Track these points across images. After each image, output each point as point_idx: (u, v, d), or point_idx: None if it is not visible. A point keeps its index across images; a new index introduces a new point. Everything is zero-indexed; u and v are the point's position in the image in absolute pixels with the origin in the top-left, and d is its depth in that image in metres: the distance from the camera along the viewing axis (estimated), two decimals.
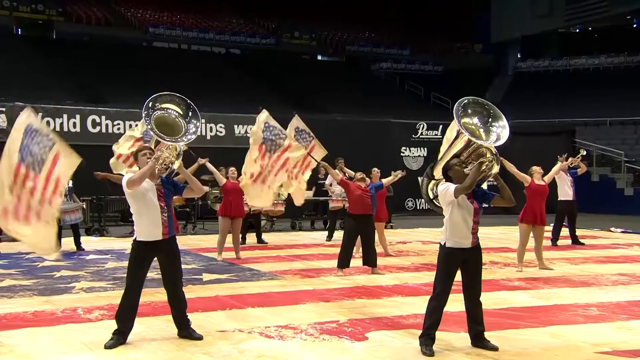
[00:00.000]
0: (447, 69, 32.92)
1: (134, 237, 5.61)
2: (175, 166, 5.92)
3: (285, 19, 31.60)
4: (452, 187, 5.37)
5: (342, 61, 32.60)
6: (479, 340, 5.41)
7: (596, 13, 29.40)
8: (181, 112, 5.81)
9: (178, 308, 5.71)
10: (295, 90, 25.64)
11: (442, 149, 6.49)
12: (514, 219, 10.60)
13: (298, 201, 11.44)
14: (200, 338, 5.60)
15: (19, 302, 7.34)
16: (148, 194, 5.47)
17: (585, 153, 13.15)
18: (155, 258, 5.66)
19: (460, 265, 5.44)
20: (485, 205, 5.54)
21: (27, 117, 7.46)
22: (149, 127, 5.75)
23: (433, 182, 6.25)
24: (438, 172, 5.93)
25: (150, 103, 5.73)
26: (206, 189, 6.42)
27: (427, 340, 5.34)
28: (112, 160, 10.85)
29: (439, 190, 5.60)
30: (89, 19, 27.54)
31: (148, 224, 5.46)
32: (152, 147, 5.96)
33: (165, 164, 5.60)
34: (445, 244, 5.46)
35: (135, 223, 5.58)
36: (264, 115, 10.64)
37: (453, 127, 10.40)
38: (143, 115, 5.70)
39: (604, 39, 32.47)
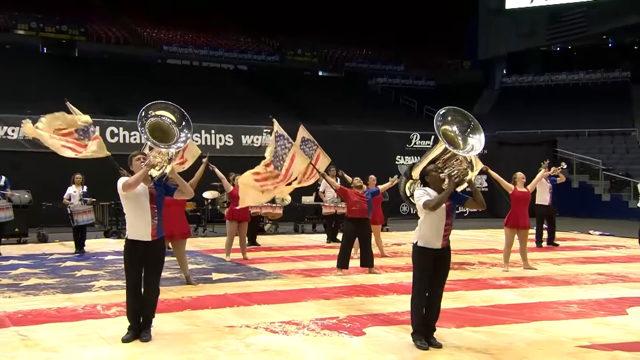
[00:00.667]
0: (438, 83, 32.98)
1: (126, 236, 5.60)
2: (167, 170, 5.88)
3: (289, 37, 31.66)
4: (423, 198, 5.36)
5: (342, 76, 32.65)
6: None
7: (575, 33, 29.50)
8: (174, 120, 5.77)
9: (148, 297, 5.58)
10: (298, 104, 25.67)
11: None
12: (500, 223, 10.62)
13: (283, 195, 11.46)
14: (147, 340, 5.41)
15: (43, 300, 7.36)
16: (140, 197, 5.48)
17: (565, 166, 13.11)
18: None
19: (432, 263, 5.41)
20: (459, 207, 5.54)
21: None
22: (143, 134, 5.69)
23: (410, 181, 6.24)
24: (416, 174, 5.93)
25: (144, 112, 5.69)
26: (210, 194, 6.43)
27: (419, 335, 5.34)
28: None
29: (415, 194, 5.58)
30: (108, 38, 27.63)
31: (139, 224, 5.47)
32: (145, 152, 5.88)
33: (158, 169, 5.57)
34: (417, 242, 5.48)
35: (128, 223, 5.57)
36: (275, 126, 10.64)
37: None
38: (138, 123, 5.64)
39: (582, 56, 32.59)
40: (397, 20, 35.26)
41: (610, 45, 32.80)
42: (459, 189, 5.46)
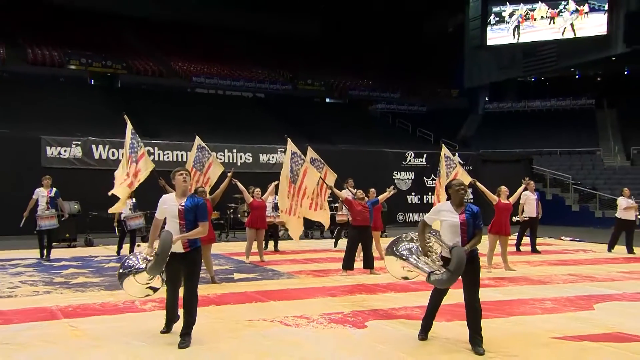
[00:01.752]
0: (429, 109, 33.01)
1: None
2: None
3: (300, 70, 31.80)
4: (427, 215, 5.33)
5: (346, 103, 32.73)
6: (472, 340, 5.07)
7: (547, 66, 29.53)
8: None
9: (187, 308, 5.25)
10: (308, 126, 25.72)
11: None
12: (485, 230, 10.57)
13: (326, 223, 11.49)
14: (184, 347, 5.03)
15: (89, 295, 7.41)
16: (170, 215, 5.27)
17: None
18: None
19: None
20: None
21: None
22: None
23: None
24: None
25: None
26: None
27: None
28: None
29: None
30: (145, 71, 27.83)
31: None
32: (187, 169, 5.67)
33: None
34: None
35: None
36: (289, 145, 10.73)
37: (442, 160, 10.53)
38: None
39: (553, 86, 32.59)
40: (394, 55, 35.43)
41: (577, 76, 32.77)
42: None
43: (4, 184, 14.39)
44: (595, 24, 27.01)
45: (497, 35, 29.19)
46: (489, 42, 30.24)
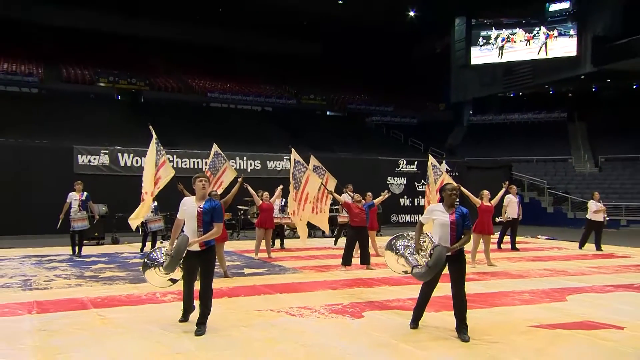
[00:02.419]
0: (420, 121, 32.96)
1: None
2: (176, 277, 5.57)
3: (303, 86, 31.84)
4: (423, 216, 5.35)
5: (345, 115, 32.69)
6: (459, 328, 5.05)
7: (524, 82, 29.55)
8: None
9: (202, 300, 5.22)
10: (311, 137, 25.73)
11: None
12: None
13: (325, 228, 11.47)
14: (200, 335, 5.02)
15: (116, 288, 7.43)
16: (188, 216, 5.27)
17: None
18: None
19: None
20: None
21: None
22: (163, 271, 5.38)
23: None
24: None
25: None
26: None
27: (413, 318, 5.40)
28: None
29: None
30: (166, 88, 27.89)
31: (191, 237, 5.19)
32: (208, 177, 5.68)
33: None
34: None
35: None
36: (293, 154, 10.74)
37: (430, 169, 10.50)
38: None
39: (530, 101, 32.58)
40: (388, 73, 35.42)
41: (551, 92, 32.75)
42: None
43: (41, 189, 14.43)
44: (566, 47, 27.13)
45: (484, 54, 29.26)
46: (473, 62, 30.32)
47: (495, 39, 28.76)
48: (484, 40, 28.85)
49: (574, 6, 26.59)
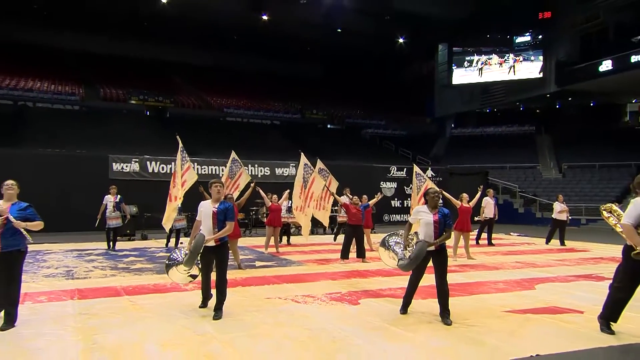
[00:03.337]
0: (408, 133, 32.92)
1: None
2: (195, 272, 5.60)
3: (307, 103, 31.87)
4: (411, 217, 5.27)
5: (343, 128, 32.63)
6: (442, 313, 5.04)
7: (498, 100, 29.55)
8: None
9: (219, 288, 5.18)
10: (314, 147, 25.61)
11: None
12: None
13: (325, 222, 11.46)
14: (217, 319, 5.01)
15: (145, 278, 7.43)
16: (203, 215, 5.28)
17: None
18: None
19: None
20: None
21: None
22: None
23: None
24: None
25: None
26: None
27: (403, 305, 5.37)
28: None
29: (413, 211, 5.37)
30: (188, 104, 27.94)
31: (205, 235, 5.18)
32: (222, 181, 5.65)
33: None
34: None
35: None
36: (303, 158, 10.79)
37: (414, 176, 10.46)
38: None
39: (503, 116, 32.57)
40: (380, 91, 35.49)
41: (521, 109, 32.73)
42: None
43: (81, 192, 14.44)
44: (529, 69, 27.30)
45: (467, 74, 29.29)
46: (454, 82, 30.26)
47: (477, 62, 28.95)
48: (468, 63, 29.05)
49: (534, 39, 27.07)
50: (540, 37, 26.93)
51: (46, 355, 3.99)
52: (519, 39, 27.64)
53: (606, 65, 23.11)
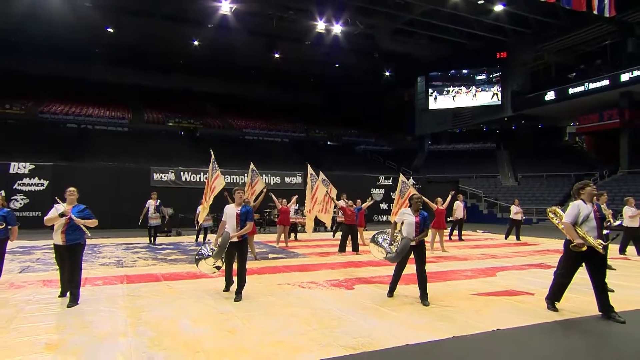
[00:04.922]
0: (394, 148, 32.90)
1: None
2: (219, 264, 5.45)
3: (311, 124, 31.96)
4: (397, 217, 5.22)
5: (340, 145, 32.66)
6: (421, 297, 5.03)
7: (466, 122, 29.62)
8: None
9: (239, 276, 5.22)
10: (316, 160, 25.61)
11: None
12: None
13: (328, 223, 11.42)
14: (238, 301, 4.99)
15: (179, 267, 7.43)
16: (228, 216, 5.28)
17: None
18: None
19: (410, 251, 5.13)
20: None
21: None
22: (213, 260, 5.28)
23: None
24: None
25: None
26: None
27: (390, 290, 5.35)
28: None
29: (399, 212, 5.31)
30: (214, 126, 28.04)
31: (230, 232, 5.20)
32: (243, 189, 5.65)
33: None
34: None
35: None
36: (309, 169, 10.80)
37: (400, 184, 10.45)
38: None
39: (471, 135, 32.55)
40: (370, 115, 35.55)
41: (485, 129, 32.78)
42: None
43: (128, 198, 14.49)
44: (487, 97, 27.55)
45: (443, 99, 29.43)
46: (430, 107, 30.43)
47: (450, 91, 29.31)
48: (446, 92, 29.40)
49: (488, 77, 27.59)
50: (494, 74, 27.82)
51: (103, 327, 4.05)
52: (478, 77, 28.51)
53: (550, 95, 23.83)
